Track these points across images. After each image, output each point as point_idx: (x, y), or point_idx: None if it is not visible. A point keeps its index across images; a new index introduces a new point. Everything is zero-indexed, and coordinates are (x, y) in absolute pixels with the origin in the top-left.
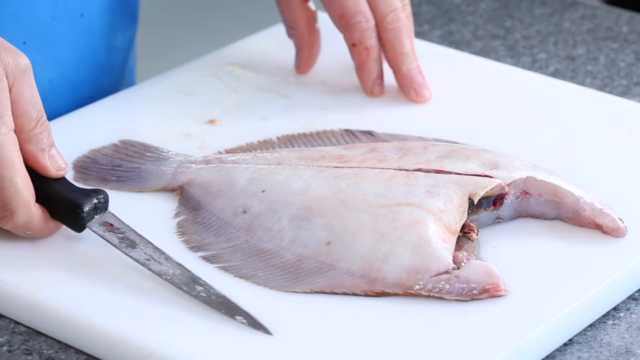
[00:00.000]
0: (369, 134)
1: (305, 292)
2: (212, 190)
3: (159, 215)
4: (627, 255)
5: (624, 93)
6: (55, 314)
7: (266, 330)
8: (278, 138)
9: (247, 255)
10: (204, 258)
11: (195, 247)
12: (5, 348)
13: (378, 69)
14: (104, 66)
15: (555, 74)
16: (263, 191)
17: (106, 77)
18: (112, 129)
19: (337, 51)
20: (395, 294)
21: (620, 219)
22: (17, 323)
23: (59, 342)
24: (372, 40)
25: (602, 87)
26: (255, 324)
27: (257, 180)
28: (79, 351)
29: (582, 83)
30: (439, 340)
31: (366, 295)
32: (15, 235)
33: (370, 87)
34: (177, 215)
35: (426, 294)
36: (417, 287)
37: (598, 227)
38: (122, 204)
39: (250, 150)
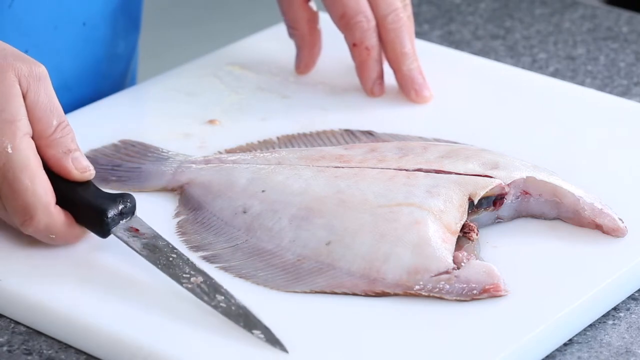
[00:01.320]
0: (369, 134)
1: (305, 292)
2: (212, 190)
3: (159, 215)
4: (627, 255)
5: (624, 93)
6: (55, 314)
7: (282, 347)
8: (278, 138)
9: (247, 255)
10: (204, 258)
11: (195, 247)
12: (5, 348)
13: (378, 69)
14: (106, 74)
15: (555, 74)
16: (263, 191)
17: (107, 84)
18: (112, 129)
19: (337, 51)
20: (395, 294)
21: (620, 219)
22: (17, 323)
23: (59, 342)
24: (372, 40)
25: (602, 87)
26: (272, 340)
27: (257, 180)
28: (79, 351)
29: (582, 83)
30: (439, 340)
31: (366, 295)
32: (16, 235)
33: (370, 87)
34: (177, 215)
35: (426, 294)
36: (417, 287)
37: (598, 227)
38: None
39: (250, 150)
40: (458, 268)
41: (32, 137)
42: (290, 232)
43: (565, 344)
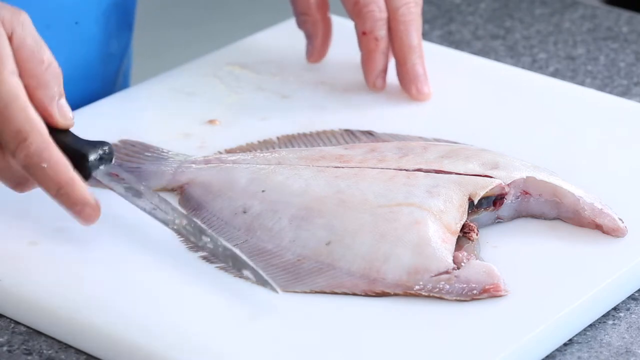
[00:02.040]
0: (369, 134)
1: (305, 292)
2: (212, 190)
3: None
4: (627, 255)
5: (624, 93)
6: (55, 314)
7: (273, 288)
8: (278, 138)
9: (247, 255)
10: (204, 258)
11: (195, 247)
12: (5, 348)
13: (384, 62)
14: (98, 73)
15: (555, 74)
16: (263, 191)
17: (99, 83)
18: (112, 129)
19: (338, 51)
20: (395, 294)
21: (620, 219)
22: (17, 323)
23: (59, 342)
24: (382, 31)
25: (602, 87)
26: (262, 281)
27: (257, 181)
28: (79, 351)
29: (582, 83)
30: (439, 340)
31: (366, 295)
32: (15, 235)
33: (373, 79)
34: None
35: (426, 294)
36: (417, 287)
37: (598, 227)
38: (123, 203)
39: (250, 150)
40: (458, 268)
41: (22, 77)
42: (290, 232)
43: (565, 344)
